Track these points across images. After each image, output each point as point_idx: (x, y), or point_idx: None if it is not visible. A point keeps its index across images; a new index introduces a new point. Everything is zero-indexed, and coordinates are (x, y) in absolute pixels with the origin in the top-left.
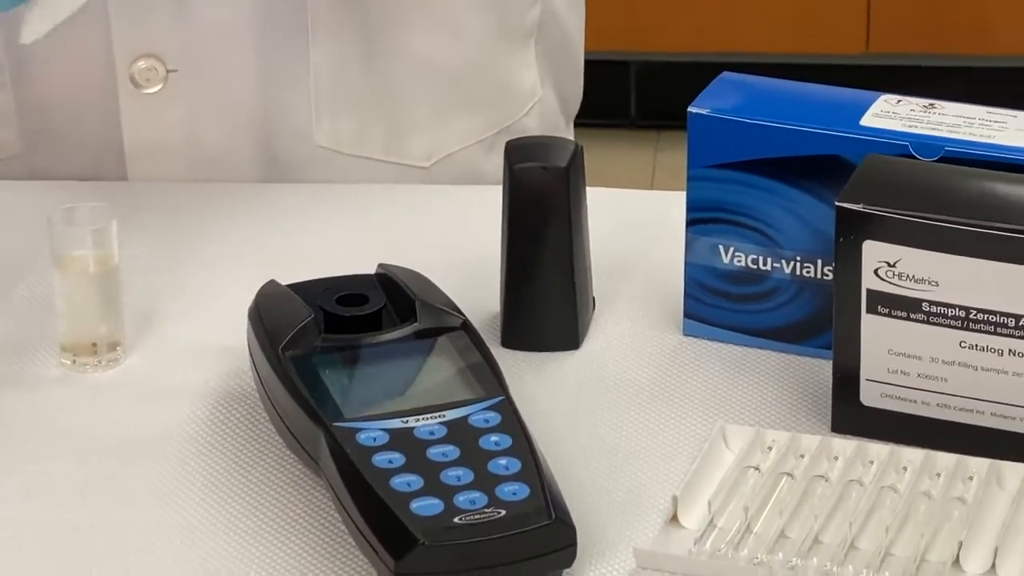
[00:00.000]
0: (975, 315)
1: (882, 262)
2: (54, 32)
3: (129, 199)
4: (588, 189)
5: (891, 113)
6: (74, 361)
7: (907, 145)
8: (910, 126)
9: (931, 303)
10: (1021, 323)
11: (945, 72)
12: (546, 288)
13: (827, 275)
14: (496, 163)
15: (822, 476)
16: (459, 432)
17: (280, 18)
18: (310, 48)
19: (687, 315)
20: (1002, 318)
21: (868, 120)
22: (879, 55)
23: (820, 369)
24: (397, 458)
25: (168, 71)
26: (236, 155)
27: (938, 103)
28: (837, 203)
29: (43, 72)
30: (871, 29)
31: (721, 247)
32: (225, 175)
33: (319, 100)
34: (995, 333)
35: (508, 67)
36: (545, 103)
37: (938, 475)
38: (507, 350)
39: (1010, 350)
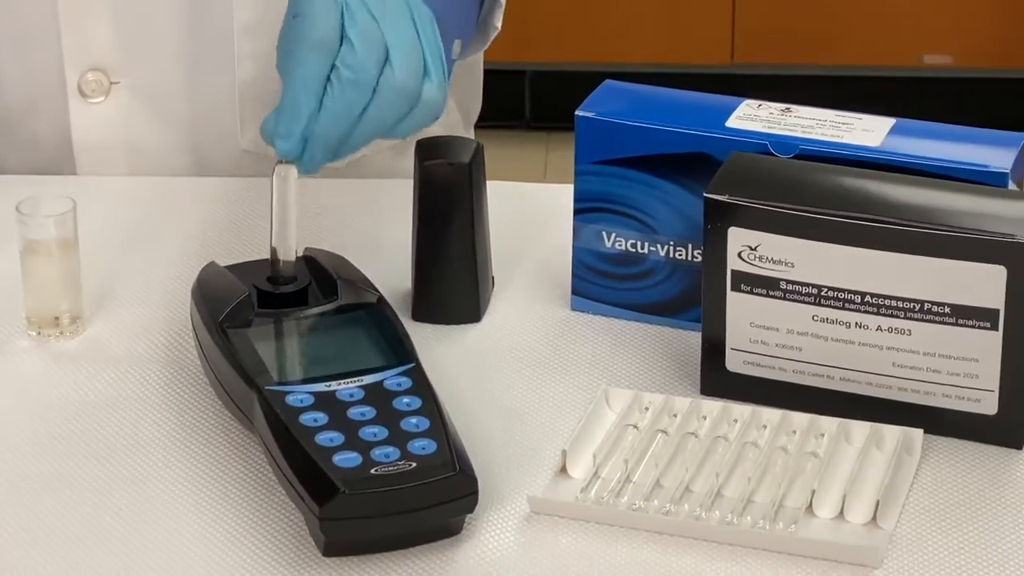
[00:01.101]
0: (826, 292)
1: (745, 246)
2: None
3: (84, 192)
4: (488, 183)
5: (752, 116)
6: (39, 332)
7: (767, 144)
8: (769, 127)
9: (788, 282)
10: (866, 299)
11: (800, 80)
12: (451, 269)
13: (697, 258)
14: (403, 164)
15: (692, 433)
16: (375, 394)
17: (210, 39)
18: (236, 66)
19: (574, 292)
20: (849, 295)
21: (732, 122)
22: (742, 65)
23: (691, 340)
24: (321, 417)
25: (111, 83)
26: (171, 156)
27: (794, 107)
28: (705, 195)
29: (4, 83)
30: (735, 42)
31: (604, 233)
32: (162, 174)
33: (243, 110)
34: (843, 308)
35: None
36: (448, 115)
37: (794, 432)
38: (417, 323)
39: (856, 323)
